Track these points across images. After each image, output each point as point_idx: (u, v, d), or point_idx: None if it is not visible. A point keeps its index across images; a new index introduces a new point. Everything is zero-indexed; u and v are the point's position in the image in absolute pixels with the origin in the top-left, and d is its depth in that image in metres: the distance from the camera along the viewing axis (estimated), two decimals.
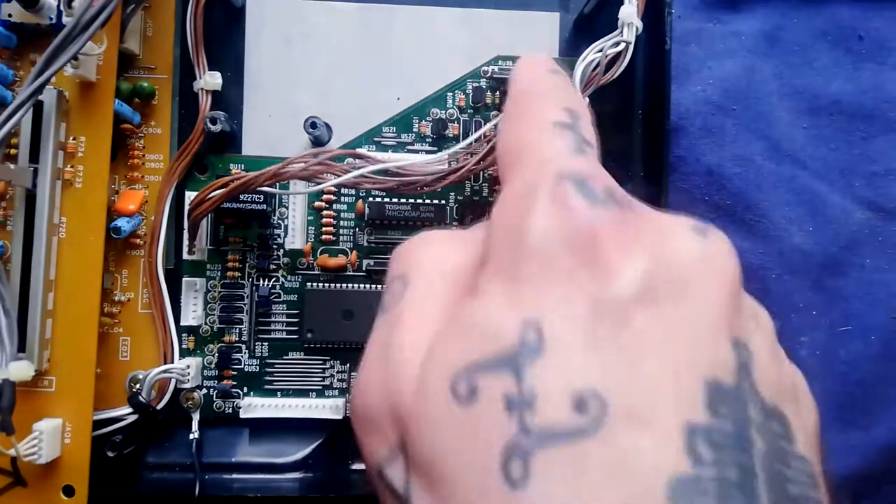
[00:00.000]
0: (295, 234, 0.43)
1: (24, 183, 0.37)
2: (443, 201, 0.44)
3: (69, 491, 0.38)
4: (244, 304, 0.44)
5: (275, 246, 0.44)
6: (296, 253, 0.44)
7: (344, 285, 0.43)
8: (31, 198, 0.38)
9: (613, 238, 0.17)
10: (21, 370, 0.35)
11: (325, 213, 0.44)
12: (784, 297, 0.48)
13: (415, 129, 0.45)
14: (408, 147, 0.45)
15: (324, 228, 0.44)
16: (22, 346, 0.37)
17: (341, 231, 0.44)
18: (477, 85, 0.45)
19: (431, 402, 0.16)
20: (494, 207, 0.19)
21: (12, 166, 0.37)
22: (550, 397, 0.15)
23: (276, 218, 0.44)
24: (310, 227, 0.44)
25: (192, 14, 0.41)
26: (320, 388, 0.44)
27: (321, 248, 0.44)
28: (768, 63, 0.50)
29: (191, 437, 0.42)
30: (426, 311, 0.19)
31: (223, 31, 0.45)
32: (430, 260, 0.20)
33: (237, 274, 0.44)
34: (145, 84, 0.42)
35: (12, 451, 0.36)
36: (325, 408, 0.43)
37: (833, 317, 0.49)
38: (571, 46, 0.46)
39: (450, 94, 0.45)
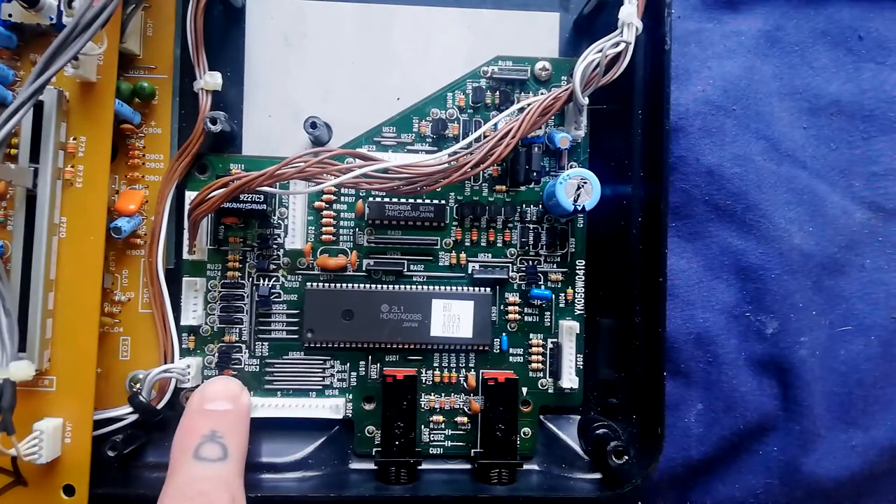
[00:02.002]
0: (295, 234, 0.43)
1: (25, 183, 0.38)
2: (443, 201, 0.44)
3: (69, 490, 0.38)
4: (244, 304, 0.44)
5: (275, 246, 0.44)
6: (296, 253, 0.44)
7: (344, 285, 0.43)
8: (31, 198, 0.38)
9: None
10: (22, 370, 0.35)
11: (325, 213, 0.44)
12: (784, 297, 0.48)
13: (415, 129, 0.45)
14: (408, 147, 0.45)
15: (324, 228, 0.44)
16: (22, 346, 0.37)
17: (341, 231, 0.44)
18: (477, 85, 0.45)
19: None
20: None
21: (13, 166, 0.37)
22: None
23: (276, 218, 0.44)
24: (310, 227, 0.44)
25: (192, 14, 0.41)
26: (320, 388, 0.44)
27: (321, 248, 0.44)
28: (768, 63, 0.50)
29: None
30: None
31: (223, 31, 0.45)
32: None
33: (237, 274, 0.44)
34: (145, 84, 0.42)
35: (13, 451, 0.36)
36: (325, 408, 0.43)
37: (833, 317, 0.49)
38: (571, 46, 0.46)
39: (450, 94, 0.45)
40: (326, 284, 0.44)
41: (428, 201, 0.44)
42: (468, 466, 0.44)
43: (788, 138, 0.50)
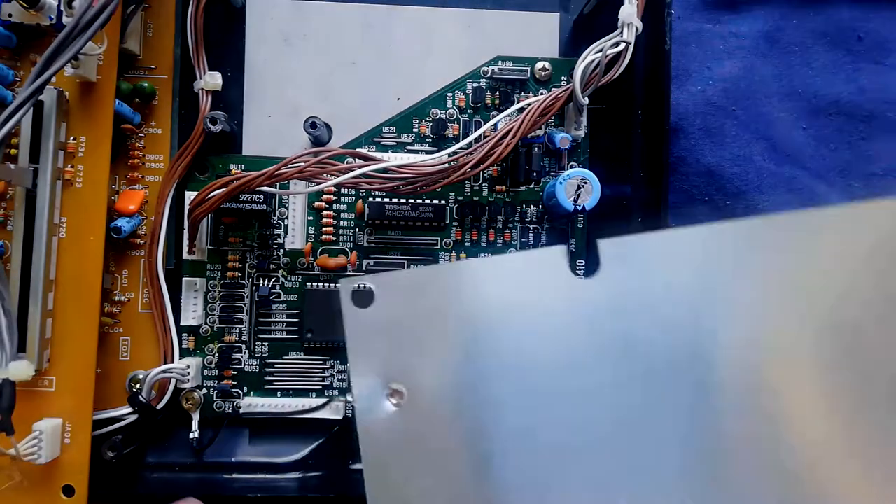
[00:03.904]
0: (295, 234, 0.43)
1: (25, 183, 0.37)
2: (443, 201, 0.44)
3: (69, 491, 0.38)
4: (244, 304, 0.44)
5: (275, 246, 0.44)
6: (296, 253, 0.44)
7: None
8: (31, 198, 0.38)
9: None
10: (21, 370, 0.35)
11: (325, 213, 0.44)
12: None
13: (415, 129, 0.45)
14: (408, 147, 0.45)
15: (324, 228, 0.44)
16: (22, 346, 0.37)
17: (341, 231, 0.44)
18: (477, 85, 0.45)
19: None
20: None
21: (12, 166, 0.37)
22: None
23: (276, 218, 0.44)
24: (310, 227, 0.44)
25: (192, 14, 0.41)
26: (320, 388, 0.44)
27: (321, 248, 0.44)
28: (768, 63, 0.51)
29: (191, 437, 0.42)
30: None
31: (223, 31, 0.45)
32: None
33: (237, 274, 0.44)
34: (145, 84, 0.42)
35: (12, 451, 0.36)
36: (326, 408, 0.43)
37: None
38: (571, 46, 0.46)
39: (450, 94, 0.45)
40: (326, 284, 0.44)
41: (428, 201, 0.44)
42: None
43: (788, 138, 0.50)
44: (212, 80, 0.42)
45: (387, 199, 0.43)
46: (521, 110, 0.41)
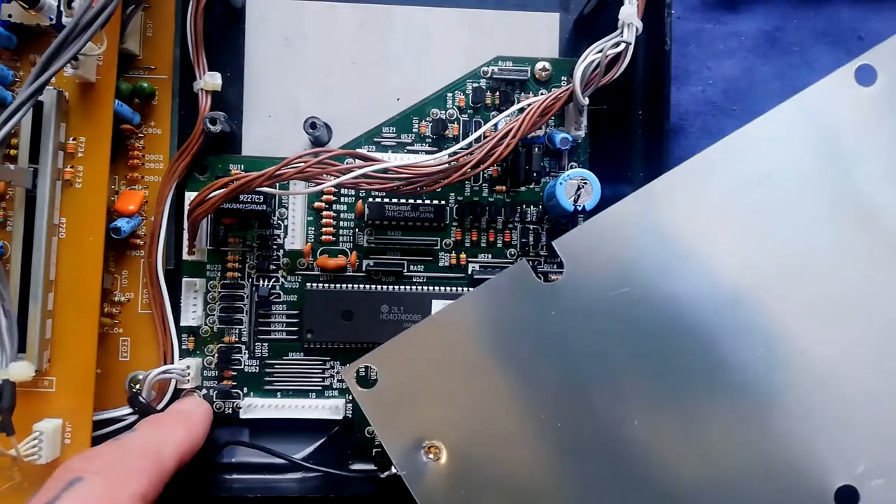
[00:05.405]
0: (295, 234, 0.43)
1: (24, 183, 0.37)
2: (443, 201, 0.44)
3: None
4: (244, 305, 0.44)
5: (275, 246, 0.44)
6: (296, 253, 0.44)
7: (344, 285, 0.43)
8: (31, 198, 0.38)
9: None
10: (21, 370, 0.35)
11: (324, 213, 0.44)
12: None
13: (415, 130, 0.45)
14: (408, 147, 0.45)
15: (324, 229, 0.44)
16: (22, 347, 0.37)
17: (341, 231, 0.44)
18: (477, 85, 0.45)
19: None
20: None
21: (12, 166, 0.37)
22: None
23: (275, 218, 0.44)
24: (310, 228, 0.44)
25: (192, 14, 0.41)
26: (320, 388, 0.44)
27: (321, 249, 0.44)
28: (768, 64, 0.51)
29: None
30: None
31: (223, 31, 0.45)
32: None
33: (237, 274, 0.44)
34: (145, 84, 0.42)
35: (13, 452, 0.36)
36: (325, 408, 0.43)
37: None
38: (571, 46, 0.46)
39: (450, 94, 0.45)
40: (326, 285, 0.44)
41: (428, 202, 0.44)
42: None
43: None
44: (211, 80, 0.42)
45: (387, 200, 0.43)
46: (521, 110, 0.40)
